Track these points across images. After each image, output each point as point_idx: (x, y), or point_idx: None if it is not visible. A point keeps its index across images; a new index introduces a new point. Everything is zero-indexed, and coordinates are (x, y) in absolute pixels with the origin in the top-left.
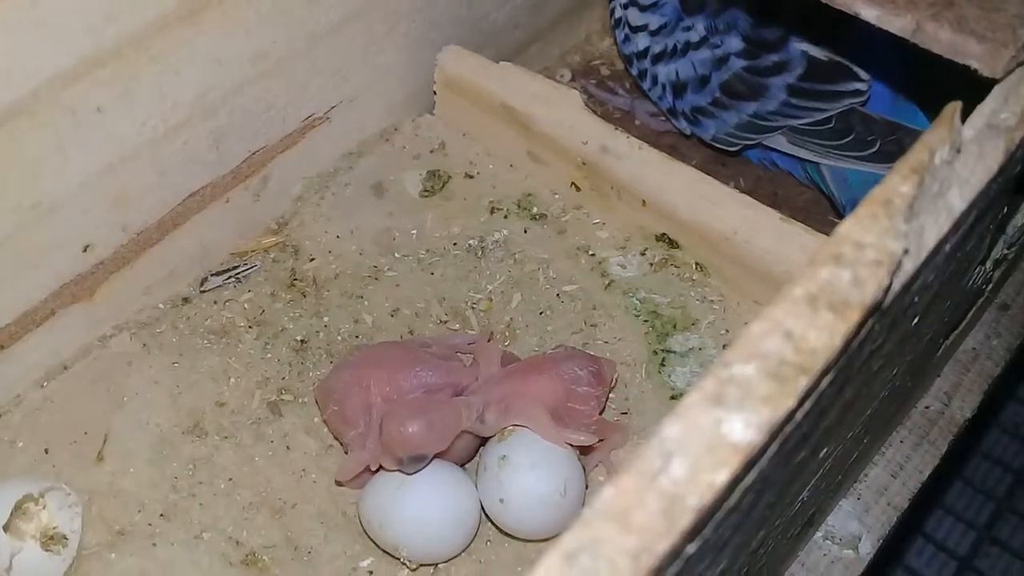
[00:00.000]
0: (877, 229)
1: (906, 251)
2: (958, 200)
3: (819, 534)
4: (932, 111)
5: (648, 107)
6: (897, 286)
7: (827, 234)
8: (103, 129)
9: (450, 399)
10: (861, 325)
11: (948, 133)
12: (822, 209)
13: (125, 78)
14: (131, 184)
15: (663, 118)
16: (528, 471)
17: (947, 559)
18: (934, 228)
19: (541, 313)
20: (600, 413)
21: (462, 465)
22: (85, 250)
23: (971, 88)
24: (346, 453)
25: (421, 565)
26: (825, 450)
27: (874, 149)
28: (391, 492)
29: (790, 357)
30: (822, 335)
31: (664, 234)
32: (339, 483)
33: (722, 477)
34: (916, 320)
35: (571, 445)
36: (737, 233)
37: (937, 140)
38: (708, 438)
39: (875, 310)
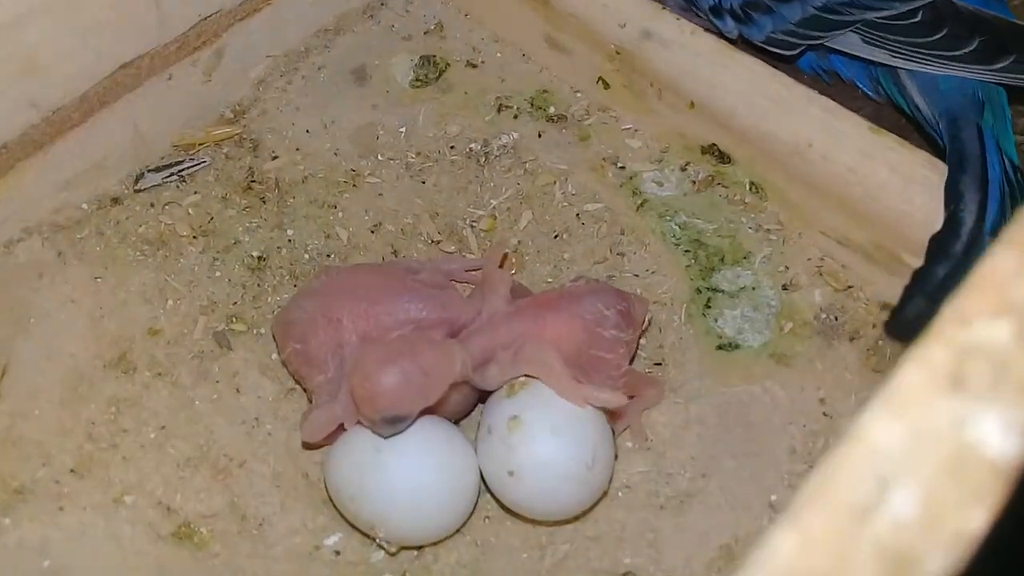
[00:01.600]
0: None
1: None
2: None
3: None
4: None
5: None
6: None
7: None
8: None
9: (439, 341)
10: None
11: None
12: (884, 126)
13: None
14: (43, 46)
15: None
16: (547, 438)
17: None
18: None
19: (556, 236)
20: (630, 363)
21: (456, 421)
22: None
23: None
24: (310, 402)
25: (403, 548)
26: None
27: (970, 48)
28: (366, 456)
29: None
30: None
31: (713, 145)
32: (306, 444)
33: (979, 519)
34: None
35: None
36: (813, 146)
37: None
38: (947, 449)
39: None
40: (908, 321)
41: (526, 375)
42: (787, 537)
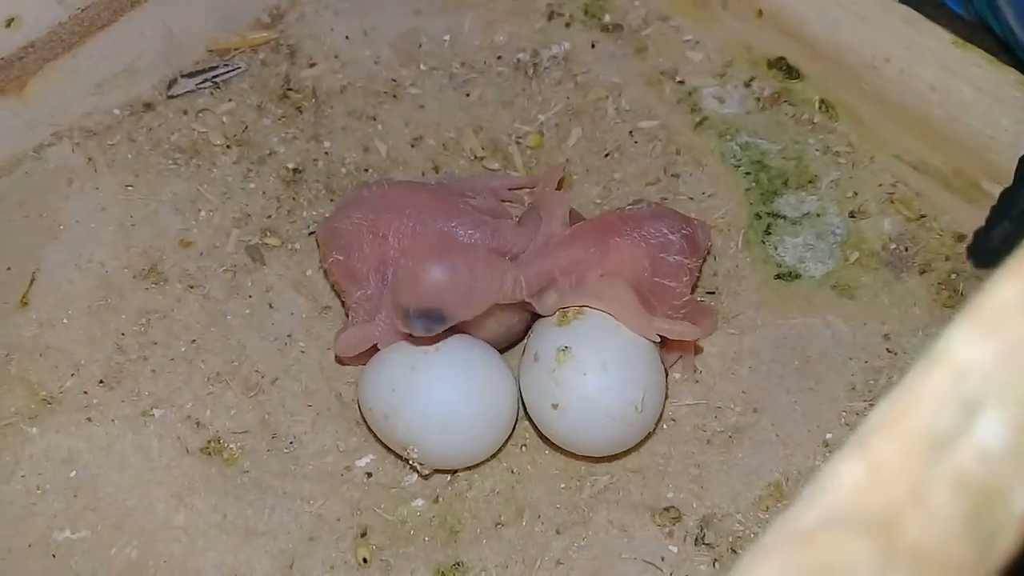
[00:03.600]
0: None
1: None
2: None
3: None
4: None
5: None
6: None
7: None
8: None
9: (493, 256)
10: None
11: None
12: None
13: None
14: None
15: None
16: (598, 374)
17: None
18: None
19: (607, 155)
20: (692, 290)
21: (505, 349)
22: (9, 24)
23: None
24: (347, 316)
25: (436, 471)
26: None
27: None
28: (402, 374)
29: None
30: None
31: (781, 59)
32: (338, 360)
33: None
34: None
35: (662, 339)
36: (890, 60)
37: None
38: None
39: None
40: (993, 246)
41: (585, 305)
42: (854, 465)
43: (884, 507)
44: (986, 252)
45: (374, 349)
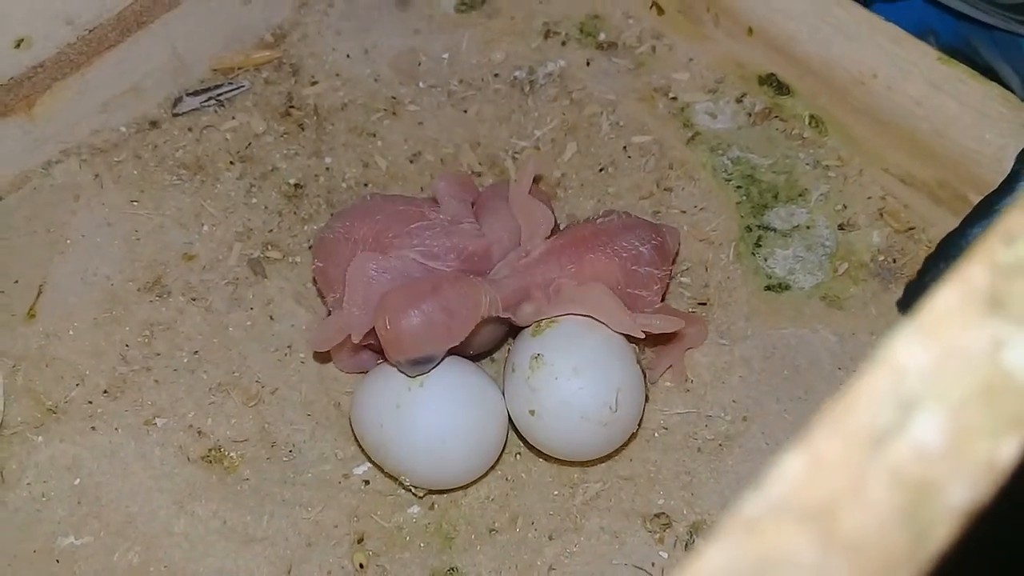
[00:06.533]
0: None
1: None
2: None
3: None
4: None
5: None
6: None
7: None
8: None
9: (465, 280)
10: None
11: None
12: None
13: None
14: None
15: None
16: (569, 378)
17: None
18: None
19: (601, 170)
20: (662, 299)
21: (483, 356)
22: (18, 45)
23: None
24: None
25: (430, 492)
26: None
27: None
28: (389, 408)
29: None
30: None
31: (772, 75)
32: (320, 354)
33: (1010, 448)
34: None
35: (634, 340)
36: (877, 76)
37: None
38: (981, 373)
39: None
40: (926, 291)
41: (563, 313)
42: (796, 460)
43: (824, 499)
44: (918, 298)
45: (371, 358)
